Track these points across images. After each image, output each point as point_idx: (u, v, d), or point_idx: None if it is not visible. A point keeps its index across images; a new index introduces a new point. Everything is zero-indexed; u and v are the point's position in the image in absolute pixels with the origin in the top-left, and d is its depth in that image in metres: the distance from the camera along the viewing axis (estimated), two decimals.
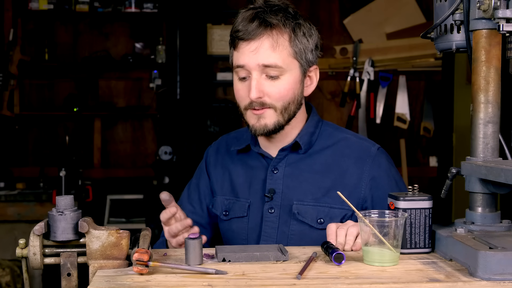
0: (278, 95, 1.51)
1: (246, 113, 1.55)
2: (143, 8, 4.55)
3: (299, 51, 1.53)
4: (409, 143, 4.72)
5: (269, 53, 1.49)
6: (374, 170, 1.57)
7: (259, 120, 1.53)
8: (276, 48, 1.49)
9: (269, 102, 1.51)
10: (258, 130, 1.54)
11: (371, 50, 4.63)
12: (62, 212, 1.22)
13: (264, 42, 1.49)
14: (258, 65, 1.49)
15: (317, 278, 1.15)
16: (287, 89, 1.52)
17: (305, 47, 1.54)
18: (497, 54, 1.30)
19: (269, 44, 1.49)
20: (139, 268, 1.15)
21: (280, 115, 1.53)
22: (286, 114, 1.54)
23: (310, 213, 1.56)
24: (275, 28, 1.50)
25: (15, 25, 4.54)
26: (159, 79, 4.55)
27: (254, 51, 1.49)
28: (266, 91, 1.51)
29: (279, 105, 1.52)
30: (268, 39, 1.49)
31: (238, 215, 1.63)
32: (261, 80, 1.50)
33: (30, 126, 4.71)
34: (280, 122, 1.54)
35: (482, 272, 1.11)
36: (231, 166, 1.68)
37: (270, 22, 1.49)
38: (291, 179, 1.59)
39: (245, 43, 1.50)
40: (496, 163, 1.24)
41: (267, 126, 1.53)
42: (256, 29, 1.48)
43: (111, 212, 4.47)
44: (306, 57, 1.54)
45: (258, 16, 1.50)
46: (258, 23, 1.49)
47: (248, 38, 1.49)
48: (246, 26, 1.49)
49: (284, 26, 1.50)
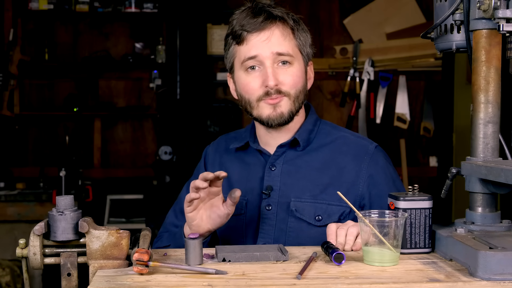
0: (292, 82, 1.54)
1: (259, 104, 1.56)
2: (143, 8, 4.55)
3: (301, 44, 1.59)
4: (409, 143, 4.72)
5: (281, 41, 1.54)
6: (372, 168, 1.58)
7: (275, 109, 1.55)
8: (286, 38, 1.55)
9: (284, 89, 1.54)
10: (275, 119, 1.55)
11: (371, 50, 4.63)
12: (62, 212, 1.22)
13: (275, 32, 1.54)
14: (272, 53, 1.53)
15: (317, 278, 1.15)
16: (298, 76, 1.56)
17: (305, 40, 1.60)
18: (497, 54, 1.30)
19: (280, 33, 1.54)
20: (139, 268, 1.15)
21: (293, 104, 1.56)
22: (297, 103, 1.57)
23: (308, 210, 1.56)
24: (280, 20, 1.55)
25: (15, 25, 4.54)
26: (159, 79, 4.55)
27: (266, 40, 1.53)
28: (280, 79, 1.53)
29: (292, 92, 1.55)
30: (278, 29, 1.55)
31: (235, 213, 1.62)
32: (275, 68, 1.54)
33: (30, 126, 4.71)
34: (293, 111, 1.56)
35: (482, 272, 1.11)
36: (228, 163, 1.69)
37: (276, 15, 1.55)
38: (288, 176, 1.59)
39: (254, 34, 1.54)
40: (496, 163, 1.24)
41: (284, 115, 1.55)
42: (265, 21, 1.53)
43: (111, 212, 4.47)
44: (306, 50, 1.60)
45: (264, 9, 1.55)
46: (266, 16, 1.54)
47: (258, 29, 1.53)
48: (252, 19, 1.54)
49: (287, 19, 1.56)
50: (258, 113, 1.57)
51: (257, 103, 1.56)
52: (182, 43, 4.25)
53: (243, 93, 1.58)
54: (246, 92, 1.57)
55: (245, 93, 1.57)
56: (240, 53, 1.57)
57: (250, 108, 1.58)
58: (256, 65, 1.54)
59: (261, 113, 1.56)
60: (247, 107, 1.59)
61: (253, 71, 1.55)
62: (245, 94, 1.58)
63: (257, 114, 1.57)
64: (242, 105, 1.61)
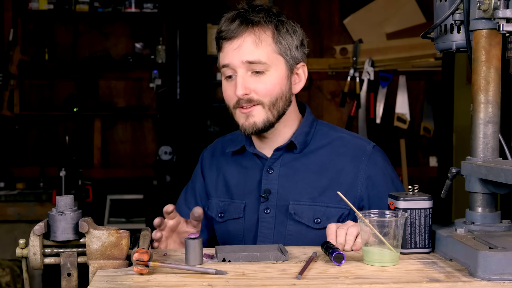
0: (264, 90, 1.52)
1: (235, 112, 1.56)
2: (143, 8, 4.55)
3: (284, 48, 1.54)
4: (409, 143, 4.72)
5: (252, 49, 1.50)
6: (370, 168, 1.57)
7: (247, 118, 1.53)
8: (259, 44, 1.51)
9: (256, 98, 1.52)
10: (247, 129, 1.54)
11: (371, 50, 4.63)
12: (62, 212, 1.22)
13: (246, 39, 1.51)
14: (242, 62, 1.50)
15: (317, 278, 1.15)
16: (273, 84, 1.52)
17: (289, 43, 1.55)
18: (497, 54, 1.30)
19: (252, 41, 1.51)
20: (139, 268, 1.15)
21: (268, 112, 1.53)
22: (275, 110, 1.54)
23: (307, 213, 1.55)
24: (257, 26, 1.51)
25: (15, 25, 4.54)
26: (159, 79, 4.55)
27: (237, 49, 1.51)
28: (252, 87, 1.51)
29: (266, 100, 1.52)
30: (250, 36, 1.51)
31: (233, 217, 1.63)
32: (247, 77, 1.51)
33: (30, 126, 4.71)
34: (269, 119, 1.54)
35: (482, 272, 1.11)
36: (226, 167, 1.68)
37: (251, 20, 1.51)
38: (286, 179, 1.59)
39: (228, 42, 1.52)
40: (496, 163, 1.24)
41: (256, 124, 1.53)
42: (237, 27, 1.51)
43: (111, 212, 4.47)
44: (291, 53, 1.55)
45: (240, 15, 1.52)
46: (240, 22, 1.51)
47: (231, 37, 1.51)
48: (228, 26, 1.52)
49: (266, 24, 1.52)
50: (236, 121, 1.57)
51: (234, 111, 1.56)
52: (182, 43, 4.25)
53: (224, 98, 1.59)
54: (226, 99, 1.58)
55: (225, 100, 1.58)
56: (219, 60, 1.57)
57: (231, 114, 1.59)
58: (232, 74, 1.53)
59: (237, 120, 1.56)
60: (230, 112, 1.59)
61: (230, 79, 1.55)
62: (225, 100, 1.58)
63: (236, 121, 1.58)
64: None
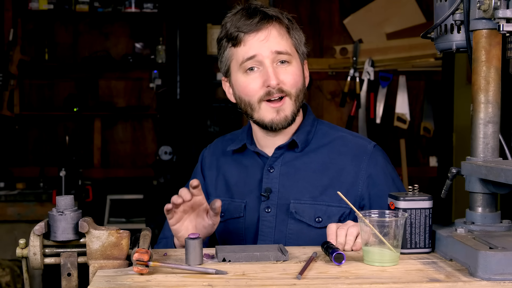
0: (293, 80, 1.54)
1: (261, 106, 1.54)
2: (143, 8, 4.56)
3: (297, 43, 1.58)
4: (409, 143, 4.72)
5: (279, 40, 1.53)
6: (371, 167, 1.57)
7: (278, 113, 1.53)
8: (283, 36, 1.55)
9: (286, 89, 1.53)
10: (279, 123, 1.54)
11: (371, 50, 4.63)
12: (62, 212, 1.22)
13: (272, 31, 1.53)
14: (271, 52, 1.52)
15: (317, 278, 1.15)
16: (298, 75, 1.56)
17: (300, 39, 1.59)
18: (497, 54, 1.30)
19: (277, 32, 1.54)
20: (139, 268, 1.15)
21: (294, 104, 1.55)
22: (298, 103, 1.56)
23: (308, 211, 1.55)
24: (275, 20, 1.55)
25: (15, 25, 4.54)
26: (159, 79, 4.55)
27: (264, 40, 1.52)
28: (281, 78, 1.52)
29: (293, 91, 1.54)
30: (274, 28, 1.54)
31: (234, 216, 1.62)
32: (275, 67, 1.53)
33: (30, 126, 4.71)
34: (295, 112, 1.56)
35: (482, 272, 1.11)
36: (226, 166, 1.68)
37: (271, 15, 1.54)
38: (287, 178, 1.58)
39: (251, 35, 1.53)
40: (496, 163, 1.24)
41: (288, 118, 1.54)
42: (261, 21, 1.53)
43: (111, 212, 4.47)
44: (302, 49, 1.60)
45: (258, 10, 1.54)
46: (261, 16, 1.53)
47: (255, 30, 1.52)
48: (248, 20, 1.53)
49: (282, 19, 1.56)
50: (260, 116, 1.55)
51: (259, 105, 1.54)
52: (182, 43, 4.25)
53: (243, 95, 1.56)
54: (246, 94, 1.55)
55: (245, 95, 1.55)
56: (237, 55, 1.55)
57: (250, 110, 1.56)
58: (255, 66, 1.53)
59: (263, 116, 1.54)
60: (247, 109, 1.56)
61: (252, 72, 1.53)
62: (245, 97, 1.55)
63: (259, 117, 1.55)
64: (241, 108, 1.59)
